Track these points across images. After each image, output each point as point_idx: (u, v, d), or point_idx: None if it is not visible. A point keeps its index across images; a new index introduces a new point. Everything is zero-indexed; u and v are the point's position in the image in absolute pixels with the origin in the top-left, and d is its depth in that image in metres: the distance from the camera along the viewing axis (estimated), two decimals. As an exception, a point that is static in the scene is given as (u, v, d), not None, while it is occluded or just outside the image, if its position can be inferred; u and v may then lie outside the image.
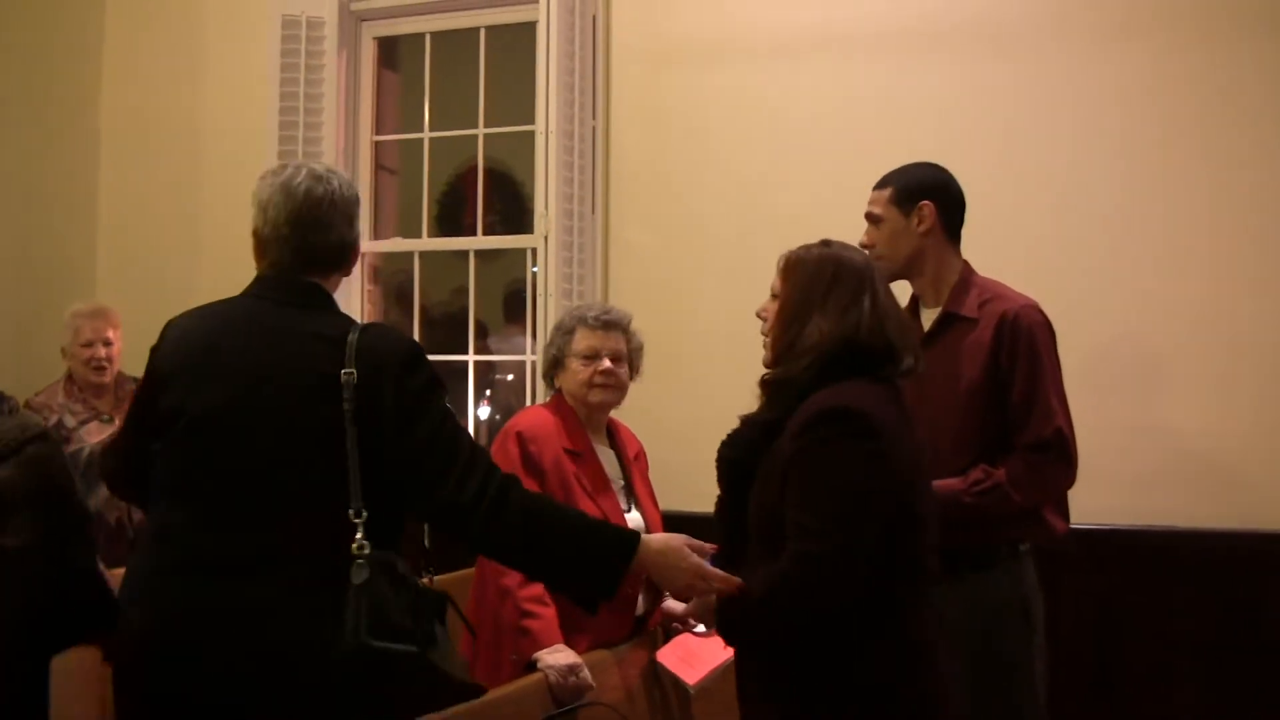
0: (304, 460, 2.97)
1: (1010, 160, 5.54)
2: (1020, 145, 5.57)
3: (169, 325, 3.26)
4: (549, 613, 4.09)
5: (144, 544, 3.13)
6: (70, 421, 5.71)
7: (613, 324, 4.52)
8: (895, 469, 2.97)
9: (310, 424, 2.98)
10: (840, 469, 2.91)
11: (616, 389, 4.48)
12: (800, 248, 3.27)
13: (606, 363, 4.47)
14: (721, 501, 3.25)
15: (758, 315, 3.33)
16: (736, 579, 3.06)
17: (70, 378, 5.88)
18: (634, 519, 4.43)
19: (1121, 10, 5.48)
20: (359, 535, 2.92)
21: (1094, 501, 4.52)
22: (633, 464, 4.56)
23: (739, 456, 3.17)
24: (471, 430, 6.88)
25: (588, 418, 4.51)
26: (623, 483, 4.50)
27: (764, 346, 3.28)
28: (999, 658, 3.93)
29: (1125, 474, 5.26)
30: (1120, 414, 5.31)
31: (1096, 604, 5.25)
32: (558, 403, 4.53)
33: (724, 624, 3.13)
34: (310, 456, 2.98)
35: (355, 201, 3.25)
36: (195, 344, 3.16)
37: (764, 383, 3.19)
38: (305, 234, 3.17)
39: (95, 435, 5.67)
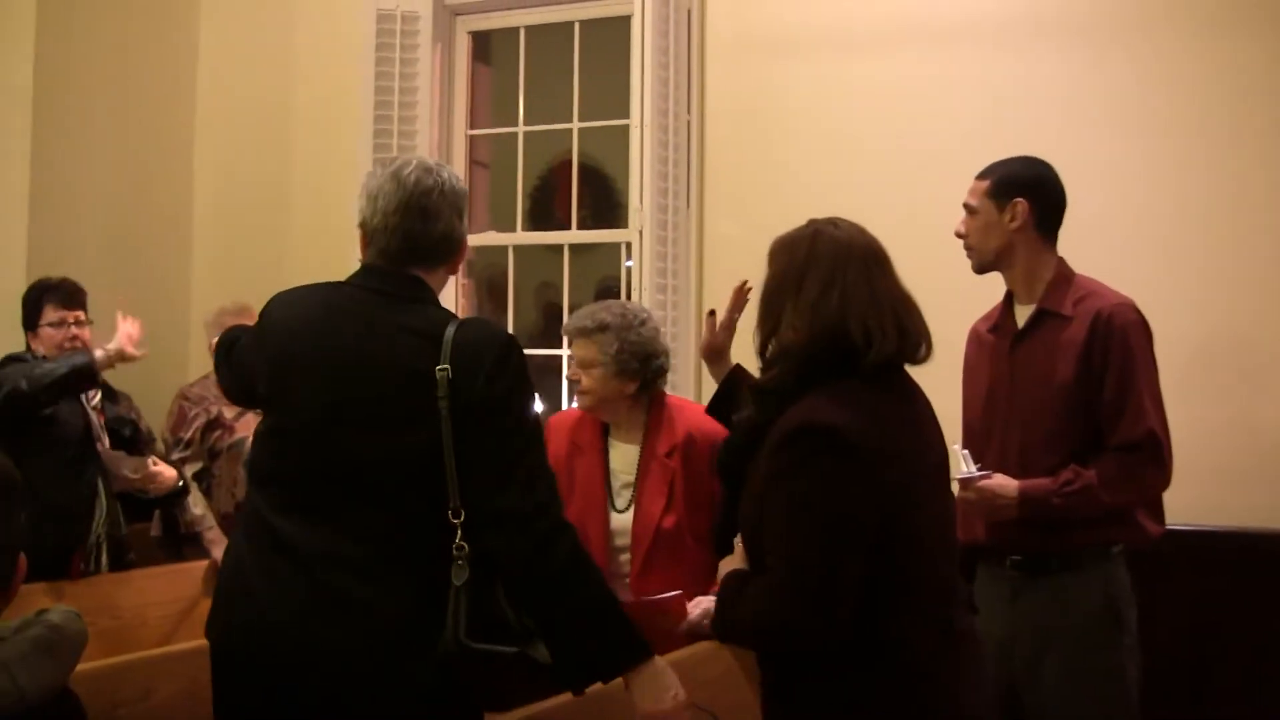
0: (400, 458, 2.92)
1: (1109, 154, 5.47)
2: (1119, 139, 5.50)
3: (271, 303, 3.22)
4: None
5: (245, 525, 3.10)
6: (229, 413, 5.88)
7: (576, 332, 4.47)
8: (880, 483, 2.74)
9: (405, 421, 2.92)
10: (812, 493, 2.71)
11: (583, 394, 4.45)
12: (789, 230, 3.04)
13: (570, 370, 4.53)
14: (723, 502, 3.18)
15: None
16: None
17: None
18: (617, 520, 4.42)
19: (1228, 1, 5.40)
20: (458, 536, 2.88)
21: (1190, 502, 4.44)
22: (658, 460, 4.42)
23: (732, 462, 3.02)
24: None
25: (604, 417, 4.55)
26: (629, 479, 4.44)
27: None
28: (1090, 661, 3.90)
29: (1222, 474, 5.17)
30: (1218, 412, 5.24)
31: (1192, 608, 5.15)
32: None
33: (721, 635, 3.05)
34: (406, 454, 2.92)
35: (463, 195, 3.17)
36: (291, 330, 3.12)
37: (753, 391, 2.99)
38: (412, 223, 3.09)
39: (253, 424, 5.78)
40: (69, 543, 5.04)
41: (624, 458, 4.49)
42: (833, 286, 2.85)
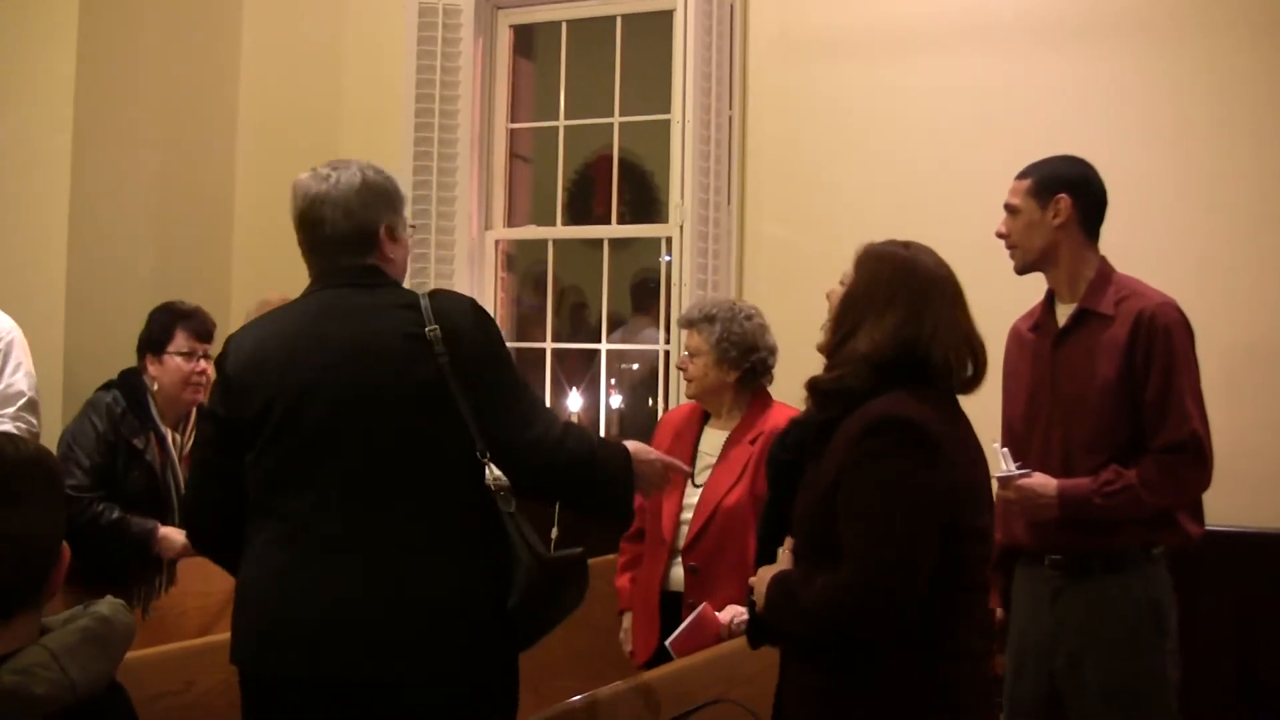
0: (419, 415, 3.08)
1: (1151, 155, 5.44)
2: (1162, 139, 5.46)
3: (231, 339, 3.31)
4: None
5: (275, 536, 3.11)
6: None
7: (684, 322, 4.80)
8: (951, 482, 2.90)
9: (413, 381, 3.09)
10: (899, 479, 2.83)
11: (689, 381, 4.71)
12: (882, 242, 3.15)
13: (679, 359, 4.85)
14: (768, 503, 3.24)
15: (827, 297, 3.23)
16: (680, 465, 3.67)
17: None
18: (692, 495, 4.62)
19: (1270, 2, 5.35)
20: (490, 471, 3.07)
21: (1232, 503, 4.43)
22: (740, 444, 4.59)
23: (791, 458, 3.14)
24: (602, 419, 6.92)
25: (708, 406, 4.76)
26: (712, 459, 4.63)
27: (821, 330, 3.19)
28: (1131, 664, 3.89)
29: (1264, 475, 5.14)
30: (1259, 414, 5.20)
31: (1235, 610, 5.13)
32: None
33: (771, 616, 3.06)
34: (423, 410, 3.08)
35: (366, 188, 3.29)
36: (268, 342, 3.22)
37: (813, 388, 3.09)
38: (311, 233, 3.29)
39: None
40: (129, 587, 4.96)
41: (712, 440, 4.70)
42: (924, 314, 2.98)
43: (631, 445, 3.45)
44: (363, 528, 3.02)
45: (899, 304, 2.99)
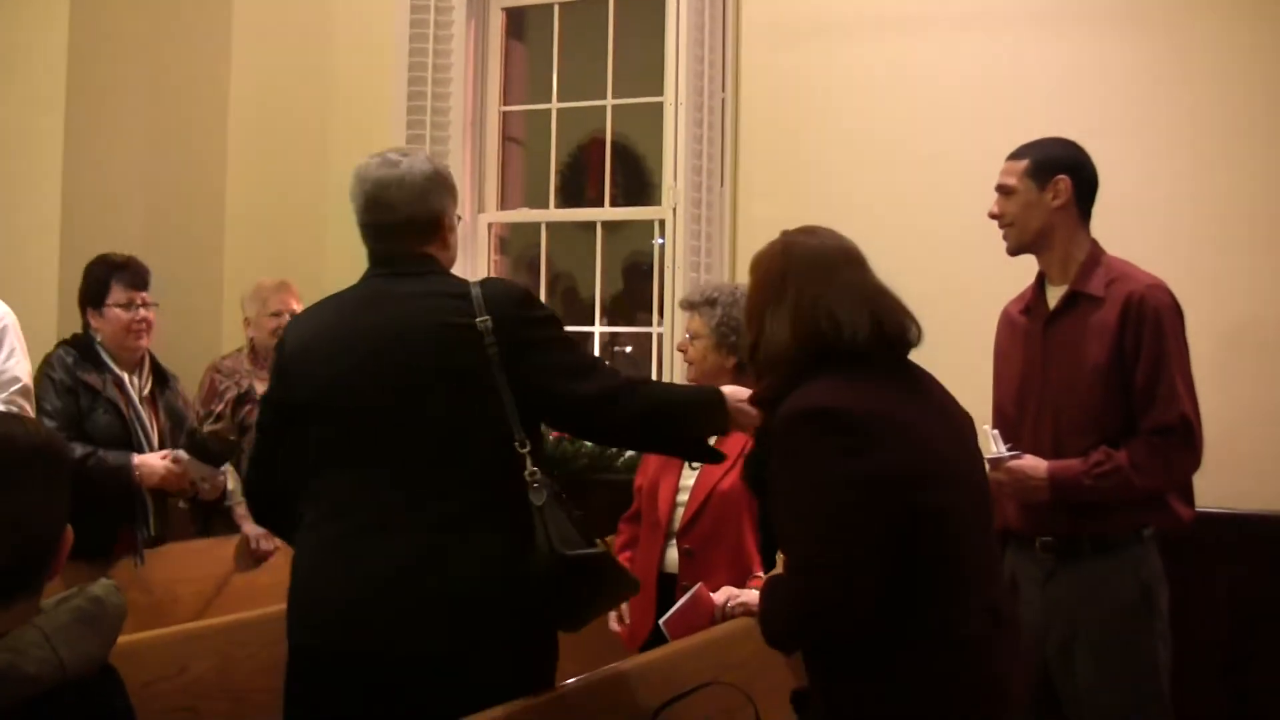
0: (452, 405, 3.14)
1: (1141, 138, 5.42)
2: (1152, 122, 5.45)
3: (289, 324, 3.52)
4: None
5: (320, 515, 3.23)
6: (260, 388, 5.81)
7: (685, 305, 4.79)
8: (888, 461, 2.74)
9: (457, 370, 3.15)
10: (819, 473, 2.73)
11: (689, 364, 4.69)
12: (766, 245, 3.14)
13: (680, 342, 4.83)
14: (761, 511, 3.21)
15: None
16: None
17: (253, 347, 5.99)
18: (687, 478, 4.58)
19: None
20: (529, 463, 3.13)
21: (1223, 486, 4.44)
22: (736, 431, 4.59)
23: (754, 473, 3.07)
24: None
25: None
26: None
27: None
28: (1122, 645, 3.90)
29: (1255, 458, 5.14)
30: (1250, 397, 5.20)
31: (1226, 593, 5.12)
32: None
33: (763, 621, 2.98)
34: (457, 399, 3.15)
35: (432, 176, 3.38)
36: (316, 329, 3.35)
37: (756, 402, 3.11)
38: (379, 216, 3.35)
39: None
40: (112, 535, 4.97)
41: None
42: (805, 290, 2.93)
43: (727, 389, 3.52)
44: (396, 513, 3.10)
45: (787, 291, 2.95)
